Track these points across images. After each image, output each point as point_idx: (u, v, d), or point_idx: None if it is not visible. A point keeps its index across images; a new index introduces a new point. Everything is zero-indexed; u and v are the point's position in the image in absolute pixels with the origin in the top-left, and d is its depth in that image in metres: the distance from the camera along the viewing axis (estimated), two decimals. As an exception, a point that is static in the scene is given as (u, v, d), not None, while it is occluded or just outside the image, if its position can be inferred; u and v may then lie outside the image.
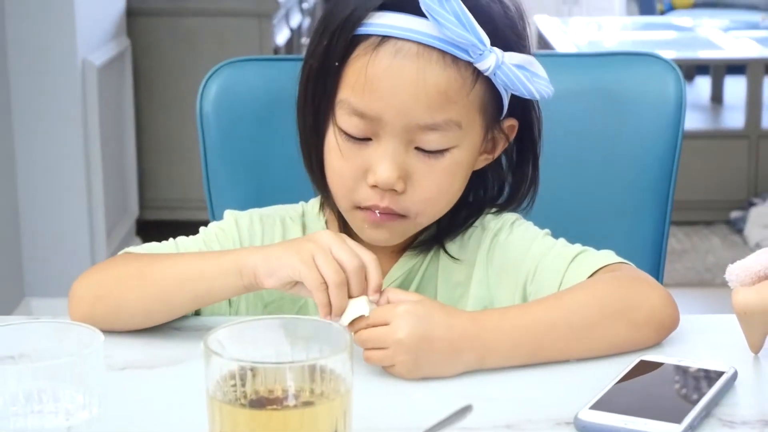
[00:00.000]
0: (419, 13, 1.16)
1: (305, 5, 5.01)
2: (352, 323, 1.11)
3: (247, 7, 4.11)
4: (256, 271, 1.14)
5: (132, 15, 4.00)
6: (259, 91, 1.50)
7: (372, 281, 1.12)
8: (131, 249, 1.29)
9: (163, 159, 4.08)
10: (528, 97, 1.23)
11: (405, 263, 1.32)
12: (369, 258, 1.12)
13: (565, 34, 5.01)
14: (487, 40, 1.18)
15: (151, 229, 4.03)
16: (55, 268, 3.49)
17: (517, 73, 1.19)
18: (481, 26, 1.17)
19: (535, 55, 1.27)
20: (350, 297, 1.11)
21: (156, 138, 4.06)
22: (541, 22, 5.26)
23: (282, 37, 4.21)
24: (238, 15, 4.09)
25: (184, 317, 1.27)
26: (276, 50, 4.06)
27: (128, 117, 3.94)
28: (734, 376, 1.10)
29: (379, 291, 1.12)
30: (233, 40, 4.02)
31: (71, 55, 3.44)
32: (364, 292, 1.11)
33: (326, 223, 1.33)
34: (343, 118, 1.22)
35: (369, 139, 1.22)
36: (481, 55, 1.18)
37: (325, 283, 1.10)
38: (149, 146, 4.07)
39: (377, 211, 1.23)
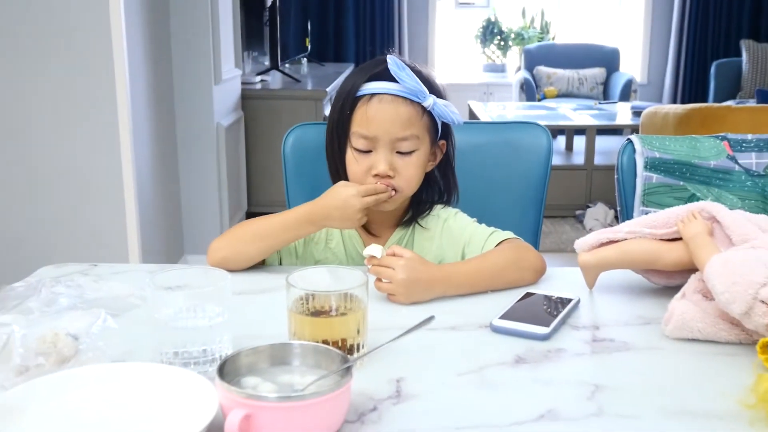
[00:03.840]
0: (390, 78, 1.20)
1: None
2: (369, 259, 1.12)
3: (307, 94, 4.10)
4: (307, 209, 1.20)
5: (244, 98, 3.98)
6: (314, 141, 1.48)
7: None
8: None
9: (261, 178, 4.06)
10: (450, 123, 1.26)
11: (397, 234, 1.31)
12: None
13: (485, 111, 5.00)
14: (426, 90, 1.21)
15: (255, 217, 4.03)
16: (201, 236, 3.50)
17: (444, 108, 1.23)
18: (423, 83, 1.21)
19: (466, 122, 1.31)
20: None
21: (257, 166, 4.05)
22: (472, 104, 5.25)
23: (328, 109, 4.20)
24: (303, 99, 4.08)
25: (273, 266, 1.27)
26: (324, 118, 4.04)
27: (242, 155, 3.92)
28: (578, 301, 1.11)
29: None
30: (300, 112, 4.01)
31: (210, 120, 3.44)
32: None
33: None
34: (355, 140, 1.23)
35: (370, 151, 1.23)
36: (425, 98, 1.21)
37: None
38: (253, 171, 4.05)
39: None
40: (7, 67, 2.66)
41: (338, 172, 1.28)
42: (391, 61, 1.19)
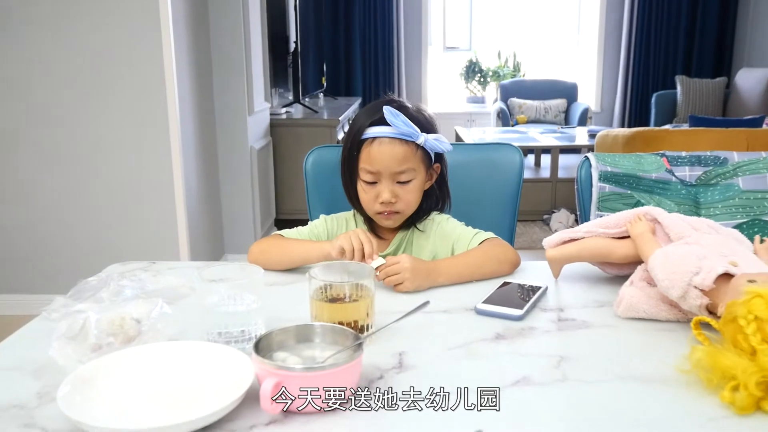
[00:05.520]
0: (388, 123, 1.18)
1: (350, 120, 4.99)
2: (377, 268, 1.10)
3: (324, 122, 4.09)
4: (328, 250, 1.15)
5: (272, 126, 3.97)
6: (330, 161, 1.49)
7: (373, 249, 1.11)
8: (277, 232, 1.29)
9: (286, 190, 4.05)
10: (441, 152, 1.24)
11: (398, 236, 1.31)
12: (371, 239, 1.12)
13: (468, 134, 5.00)
14: (418, 130, 1.20)
15: (281, 222, 4.01)
16: (238, 238, 3.48)
17: (434, 141, 1.21)
18: (415, 124, 1.19)
19: (453, 144, 1.28)
20: (366, 254, 1.11)
21: (283, 181, 4.04)
22: (458, 129, 5.25)
23: (340, 135, 4.20)
24: (320, 126, 4.07)
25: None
26: (338, 141, 4.04)
27: (271, 172, 3.92)
28: (546, 289, 1.11)
29: (376, 252, 1.11)
30: (318, 137, 4.00)
31: (245, 144, 3.43)
32: (370, 253, 1.10)
33: (363, 220, 1.32)
34: (363, 175, 1.23)
35: (376, 182, 1.22)
36: (417, 137, 1.20)
37: (353, 247, 1.11)
38: (280, 185, 4.04)
39: (386, 213, 1.24)
40: (86, 100, 2.67)
41: (351, 196, 1.29)
42: (387, 111, 1.18)
